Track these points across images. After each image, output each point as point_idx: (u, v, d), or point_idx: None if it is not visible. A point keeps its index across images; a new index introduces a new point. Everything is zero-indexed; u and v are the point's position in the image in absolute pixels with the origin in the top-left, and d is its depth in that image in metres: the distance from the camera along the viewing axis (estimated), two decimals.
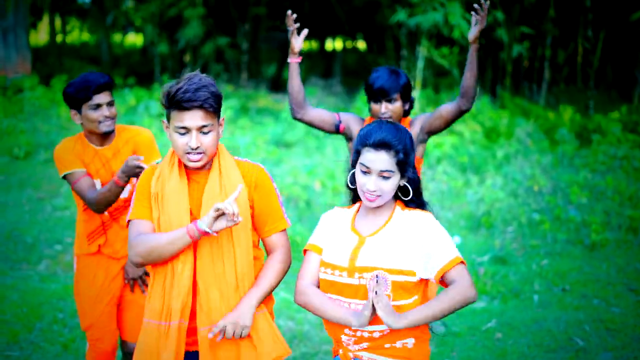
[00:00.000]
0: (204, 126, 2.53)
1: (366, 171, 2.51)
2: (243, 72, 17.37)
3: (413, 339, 2.52)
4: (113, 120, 3.56)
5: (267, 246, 2.74)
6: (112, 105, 3.56)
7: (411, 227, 2.52)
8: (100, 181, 3.58)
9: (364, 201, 2.54)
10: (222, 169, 2.64)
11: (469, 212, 7.88)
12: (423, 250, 2.48)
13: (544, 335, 5.05)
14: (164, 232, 2.56)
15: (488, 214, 7.62)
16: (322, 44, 24.51)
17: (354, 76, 20.51)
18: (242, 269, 2.62)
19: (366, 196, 2.52)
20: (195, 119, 2.50)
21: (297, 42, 3.88)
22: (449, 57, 12.93)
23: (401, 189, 2.59)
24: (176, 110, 2.51)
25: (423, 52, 12.65)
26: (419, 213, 2.56)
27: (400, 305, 2.47)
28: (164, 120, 2.62)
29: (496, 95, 14.28)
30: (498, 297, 5.84)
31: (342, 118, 3.98)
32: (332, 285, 2.55)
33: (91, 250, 3.66)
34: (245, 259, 2.63)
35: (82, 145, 3.61)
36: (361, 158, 2.53)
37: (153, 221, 2.61)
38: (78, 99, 3.48)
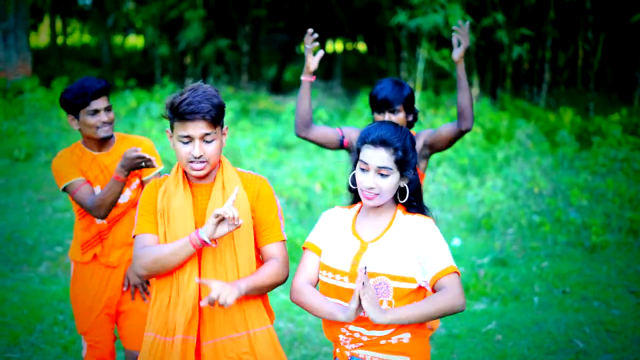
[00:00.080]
0: (207, 134, 2.55)
1: (365, 168, 2.52)
2: (243, 74, 17.38)
3: (409, 334, 2.51)
4: (111, 126, 3.55)
5: (264, 256, 2.72)
6: (109, 110, 3.54)
7: (411, 233, 2.52)
8: (99, 187, 3.56)
9: (363, 200, 2.54)
10: (225, 182, 2.66)
11: (469, 214, 7.88)
12: (420, 257, 2.48)
13: (544, 337, 5.05)
14: (168, 244, 2.57)
15: (488, 216, 7.62)
16: (323, 45, 24.47)
17: (354, 78, 20.53)
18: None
19: (364, 194, 2.52)
20: (198, 128, 2.53)
21: (314, 61, 3.82)
22: (449, 59, 12.91)
23: (402, 191, 2.59)
24: (180, 121, 2.54)
25: (423, 54, 12.66)
26: (420, 219, 2.55)
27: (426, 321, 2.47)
28: (167, 130, 2.65)
29: (496, 97, 14.27)
30: (498, 299, 5.85)
31: (344, 133, 3.96)
32: (333, 289, 2.55)
33: (85, 259, 3.64)
34: (248, 271, 2.63)
35: (80, 152, 3.59)
36: (360, 155, 2.54)
37: (158, 235, 2.62)
38: (75, 105, 3.47)
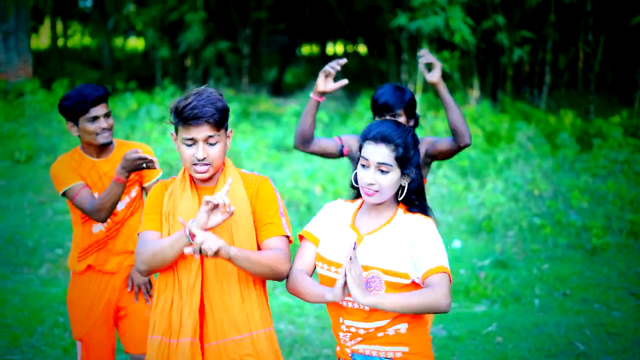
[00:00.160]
0: (211, 136, 2.56)
1: (365, 164, 2.52)
2: (244, 76, 17.39)
3: (406, 324, 2.51)
4: (110, 132, 3.55)
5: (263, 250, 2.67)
6: (109, 117, 3.53)
7: (409, 230, 2.51)
8: (98, 194, 3.53)
9: (363, 196, 2.55)
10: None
11: (469, 216, 7.88)
12: (415, 254, 2.47)
13: (545, 339, 5.05)
14: (165, 238, 2.57)
15: (489, 218, 7.62)
16: (323, 48, 24.53)
17: (354, 80, 20.48)
18: (247, 285, 2.62)
19: (364, 190, 2.53)
20: (201, 131, 2.54)
21: (328, 85, 3.72)
22: (450, 61, 12.93)
23: (403, 190, 2.58)
24: (184, 125, 2.55)
25: None
26: (420, 218, 2.55)
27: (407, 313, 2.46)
28: (172, 133, 2.65)
29: (497, 99, 14.27)
30: (499, 301, 5.85)
31: (344, 141, 3.94)
32: (329, 281, 2.55)
33: (80, 268, 3.61)
34: (249, 275, 2.61)
35: (79, 158, 3.58)
36: (362, 152, 2.55)
37: (162, 233, 2.62)
38: (75, 113, 3.46)
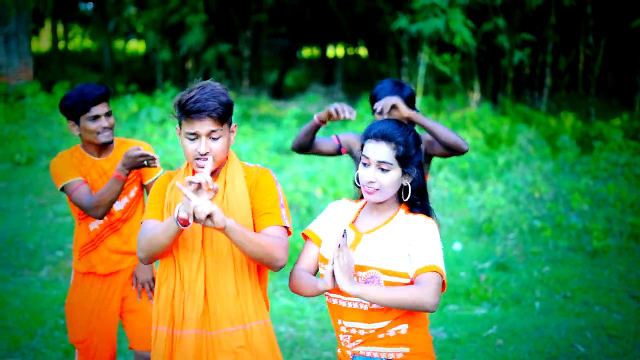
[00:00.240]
0: (213, 131, 2.55)
1: (366, 162, 2.53)
2: (244, 79, 17.40)
3: (406, 325, 2.50)
4: (111, 131, 3.55)
5: None
6: (110, 116, 3.54)
7: (409, 230, 2.51)
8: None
9: (364, 195, 2.55)
10: (227, 178, 2.65)
11: (470, 218, 7.88)
12: (411, 252, 2.46)
13: (545, 342, 5.04)
14: (160, 223, 2.56)
15: (489, 221, 7.62)
16: (324, 50, 24.56)
17: (355, 83, 20.54)
18: (242, 276, 2.61)
19: (365, 188, 2.53)
20: (204, 125, 2.53)
21: (335, 116, 3.67)
22: (450, 64, 12.95)
23: (405, 190, 2.58)
24: (186, 118, 2.55)
25: (424, 58, 12.67)
26: (421, 219, 2.54)
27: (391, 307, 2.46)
28: (176, 127, 2.65)
29: (497, 101, 14.29)
30: (499, 304, 5.84)
31: (341, 140, 3.95)
32: None
33: (81, 267, 3.62)
34: (245, 266, 2.62)
35: (80, 156, 3.58)
36: (363, 150, 2.56)
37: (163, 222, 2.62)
38: (76, 112, 3.46)
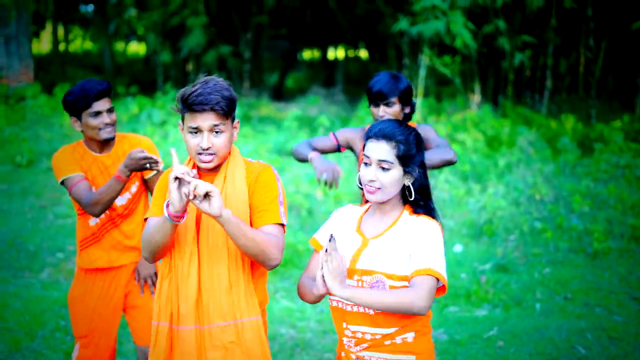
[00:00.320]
0: (216, 125, 2.55)
1: (367, 162, 2.53)
2: (245, 80, 17.41)
3: (413, 333, 2.50)
4: (113, 127, 3.56)
5: None
6: (112, 112, 3.54)
7: (413, 232, 2.50)
8: (96, 189, 3.53)
9: (366, 194, 2.55)
10: (227, 173, 2.65)
11: (470, 220, 7.88)
12: (411, 254, 2.46)
13: (546, 343, 5.04)
14: (156, 221, 2.56)
15: (490, 223, 7.62)
16: (324, 52, 24.58)
17: (356, 85, 20.54)
18: (236, 271, 2.61)
19: (366, 188, 2.53)
20: (207, 120, 2.54)
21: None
22: (451, 66, 12.96)
23: (408, 190, 2.57)
24: (189, 112, 2.55)
25: (425, 60, 12.67)
26: (425, 220, 2.53)
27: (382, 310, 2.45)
28: (179, 122, 2.65)
29: (498, 104, 14.29)
30: (500, 305, 5.84)
31: (339, 138, 3.94)
32: None
33: (82, 264, 3.62)
34: (239, 260, 2.61)
35: (81, 151, 3.59)
36: (365, 150, 2.56)
37: None
38: (78, 107, 3.47)
